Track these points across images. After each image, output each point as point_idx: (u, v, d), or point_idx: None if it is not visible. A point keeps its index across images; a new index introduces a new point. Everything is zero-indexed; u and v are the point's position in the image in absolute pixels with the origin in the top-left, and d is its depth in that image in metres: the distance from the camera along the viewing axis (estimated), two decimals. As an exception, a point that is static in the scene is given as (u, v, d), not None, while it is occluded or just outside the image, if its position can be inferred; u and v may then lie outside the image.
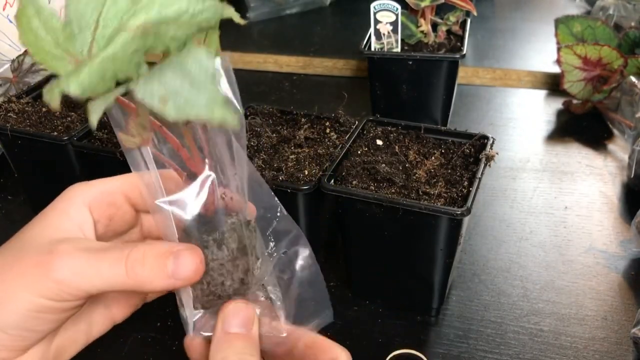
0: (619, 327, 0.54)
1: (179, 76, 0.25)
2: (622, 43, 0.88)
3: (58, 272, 0.29)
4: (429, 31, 0.81)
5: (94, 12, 0.26)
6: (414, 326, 0.55)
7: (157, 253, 0.30)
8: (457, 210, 0.47)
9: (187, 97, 0.24)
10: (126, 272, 0.30)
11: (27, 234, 0.33)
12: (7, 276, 0.30)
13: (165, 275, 0.30)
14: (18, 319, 0.30)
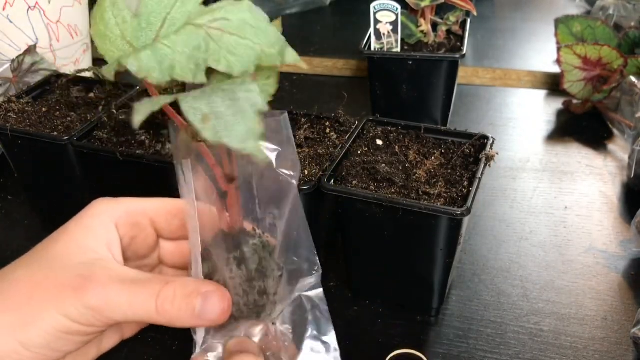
0: (619, 327, 0.54)
1: (226, 101, 0.26)
2: (622, 43, 0.88)
3: (92, 300, 0.30)
4: (429, 31, 0.81)
5: (163, 11, 0.27)
6: (414, 326, 0.55)
7: (186, 293, 0.31)
8: (457, 210, 0.47)
9: (227, 123, 0.25)
10: (156, 309, 0.30)
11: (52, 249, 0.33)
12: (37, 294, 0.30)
13: (193, 316, 0.31)
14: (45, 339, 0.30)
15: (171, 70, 0.26)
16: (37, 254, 0.33)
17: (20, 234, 0.70)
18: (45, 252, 0.33)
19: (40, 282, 0.31)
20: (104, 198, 0.36)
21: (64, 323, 0.30)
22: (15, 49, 0.84)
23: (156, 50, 0.26)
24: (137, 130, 0.64)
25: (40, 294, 0.30)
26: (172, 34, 0.27)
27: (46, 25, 0.85)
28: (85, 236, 0.33)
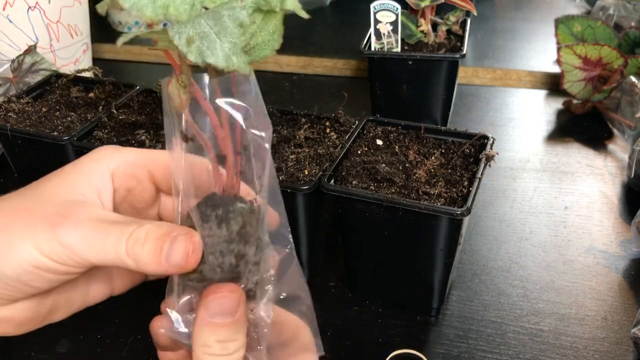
0: (619, 327, 0.54)
1: (210, 21, 0.26)
2: (622, 43, 0.88)
3: (66, 236, 0.29)
4: (429, 31, 0.81)
5: None
6: (414, 326, 0.55)
7: (157, 236, 0.30)
8: (457, 210, 0.47)
9: (211, 42, 0.25)
10: (126, 250, 0.29)
11: (42, 186, 0.32)
12: (13, 224, 0.30)
13: (160, 260, 0.29)
14: (17, 271, 0.29)
15: (165, 9, 0.26)
16: (28, 189, 0.32)
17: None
18: (35, 188, 0.32)
19: (20, 213, 0.30)
20: (109, 146, 0.35)
21: (36, 257, 0.29)
22: (15, 49, 0.84)
23: None
24: (137, 130, 0.64)
25: (17, 224, 0.29)
26: None
27: (46, 25, 0.86)
28: (77, 179, 0.32)
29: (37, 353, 0.53)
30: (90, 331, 0.56)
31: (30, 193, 0.32)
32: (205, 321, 0.30)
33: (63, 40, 0.89)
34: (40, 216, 0.30)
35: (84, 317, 0.57)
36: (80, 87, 0.74)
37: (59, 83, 0.74)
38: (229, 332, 0.30)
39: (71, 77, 0.75)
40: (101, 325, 0.56)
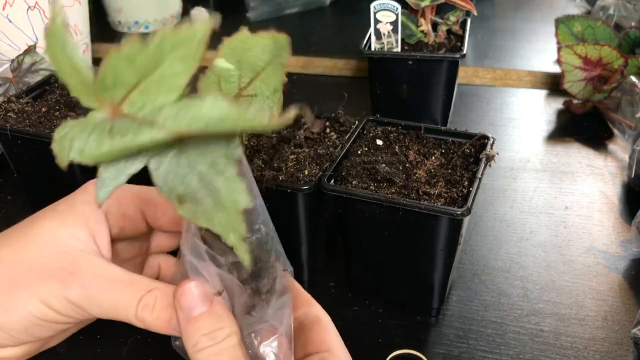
0: (619, 328, 0.54)
1: (203, 190, 0.23)
2: (622, 43, 0.88)
3: (76, 295, 0.30)
4: (429, 31, 0.81)
5: (135, 76, 0.24)
6: (414, 326, 0.55)
7: (166, 304, 0.31)
8: (458, 210, 0.47)
9: (206, 211, 0.23)
10: (135, 315, 0.31)
11: (39, 231, 0.32)
12: (21, 281, 0.30)
13: (169, 327, 0.32)
14: (23, 324, 0.30)
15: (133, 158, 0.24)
16: (23, 234, 0.32)
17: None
18: (31, 233, 0.32)
19: (25, 268, 0.31)
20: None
21: (44, 311, 0.30)
22: (15, 49, 0.83)
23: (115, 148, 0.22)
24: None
25: (24, 281, 0.30)
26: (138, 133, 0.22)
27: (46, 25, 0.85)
28: (74, 222, 0.33)
29: (36, 353, 0.53)
30: (90, 331, 0.55)
31: (28, 241, 0.32)
32: (185, 321, 0.30)
33: (63, 40, 0.89)
34: (48, 273, 0.30)
35: (84, 317, 0.57)
36: (80, 87, 0.74)
37: (59, 83, 0.74)
38: (211, 322, 0.30)
39: (71, 77, 0.74)
40: (101, 325, 0.56)
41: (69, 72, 0.24)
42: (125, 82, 0.24)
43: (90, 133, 0.23)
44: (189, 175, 0.23)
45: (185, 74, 0.24)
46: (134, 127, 0.23)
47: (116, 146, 0.22)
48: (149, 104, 0.24)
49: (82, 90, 0.24)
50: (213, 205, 0.23)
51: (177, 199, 0.23)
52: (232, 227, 0.23)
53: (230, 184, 0.23)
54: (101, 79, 0.24)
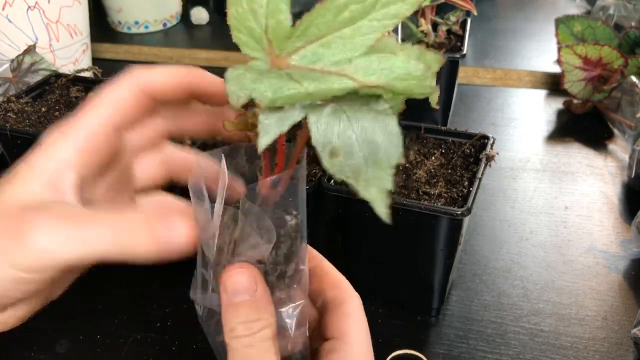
0: (619, 328, 0.54)
1: (361, 142, 0.24)
2: (622, 43, 0.88)
3: (34, 240, 0.27)
4: (429, 31, 0.81)
5: (328, 27, 0.24)
6: (414, 326, 0.55)
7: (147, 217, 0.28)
8: (458, 210, 0.47)
9: (357, 167, 0.23)
10: (112, 235, 0.27)
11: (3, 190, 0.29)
12: None
13: (154, 242, 0.28)
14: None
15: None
16: None
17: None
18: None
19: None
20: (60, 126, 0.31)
21: (10, 273, 0.27)
22: (14, 49, 0.83)
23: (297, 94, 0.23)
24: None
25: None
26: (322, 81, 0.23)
27: (46, 25, 0.85)
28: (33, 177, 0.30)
29: (36, 353, 0.53)
30: (90, 331, 0.55)
31: None
32: (226, 304, 0.30)
33: (62, 40, 0.89)
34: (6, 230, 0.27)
35: (84, 318, 0.57)
36: (80, 87, 0.74)
37: (59, 83, 0.74)
38: (250, 312, 0.30)
39: (71, 77, 0.75)
40: (101, 326, 0.56)
41: (261, 11, 0.24)
42: (313, 34, 0.24)
43: (269, 77, 0.23)
44: (349, 130, 0.24)
45: (378, 33, 0.25)
46: (320, 76, 0.23)
47: (305, 91, 0.23)
48: (325, 58, 0.24)
49: (256, 34, 0.24)
50: (365, 160, 0.24)
51: (329, 152, 0.24)
52: (378, 182, 0.24)
53: (390, 138, 0.24)
54: (299, 25, 0.24)
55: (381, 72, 0.24)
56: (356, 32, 0.25)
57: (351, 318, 0.33)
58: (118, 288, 0.61)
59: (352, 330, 0.33)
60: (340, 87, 0.23)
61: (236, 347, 0.29)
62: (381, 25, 0.25)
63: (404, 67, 0.24)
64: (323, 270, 0.36)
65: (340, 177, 0.23)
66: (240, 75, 0.23)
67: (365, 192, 0.23)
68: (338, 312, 0.34)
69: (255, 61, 0.25)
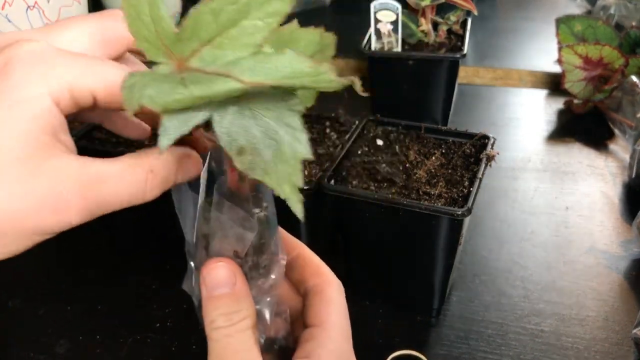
0: (620, 328, 0.54)
1: (266, 140, 0.24)
2: (623, 43, 0.88)
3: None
4: (429, 31, 0.81)
5: (215, 29, 0.25)
6: (415, 327, 0.55)
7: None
8: (458, 210, 0.47)
9: (265, 164, 0.24)
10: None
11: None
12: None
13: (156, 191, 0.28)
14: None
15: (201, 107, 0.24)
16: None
17: (20, 234, 0.70)
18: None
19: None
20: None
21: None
22: (14, 49, 0.83)
23: (187, 98, 0.23)
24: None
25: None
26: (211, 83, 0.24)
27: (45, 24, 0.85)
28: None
29: (36, 353, 0.53)
30: (89, 332, 0.55)
31: None
32: (206, 298, 0.31)
33: (63, 40, 0.88)
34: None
35: (84, 318, 0.57)
36: (80, 87, 0.74)
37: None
38: (230, 304, 0.31)
39: (71, 77, 0.74)
40: (101, 326, 0.56)
41: (147, 20, 0.25)
42: (202, 36, 0.25)
43: (161, 82, 0.24)
44: (254, 128, 0.24)
45: (265, 31, 0.25)
46: (207, 78, 0.24)
47: (190, 95, 0.23)
48: (219, 60, 0.25)
49: (153, 41, 0.25)
50: (273, 157, 0.24)
51: (237, 151, 0.24)
52: (288, 178, 0.24)
53: (294, 134, 0.24)
54: (183, 29, 0.25)
55: (267, 72, 0.24)
56: (242, 33, 0.25)
57: (331, 304, 0.35)
58: (118, 288, 0.61)
59: (331, 317, 0.34)
60: (226, 89, 0.23)
61: (216, 337, 0.30)
62: (265, 24, 0.25)
63: (290, 66, 0.24)
64: (304, 259, 0.37)
65: (253, 175, 0.24)
66: (134, 83, 0.24)
67: (279, 189, 0.24)
68: (319, 299, 0.35)
69: (161, 65, 0.26)
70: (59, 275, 0.63)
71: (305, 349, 0.33)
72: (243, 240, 0.31)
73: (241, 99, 0.25)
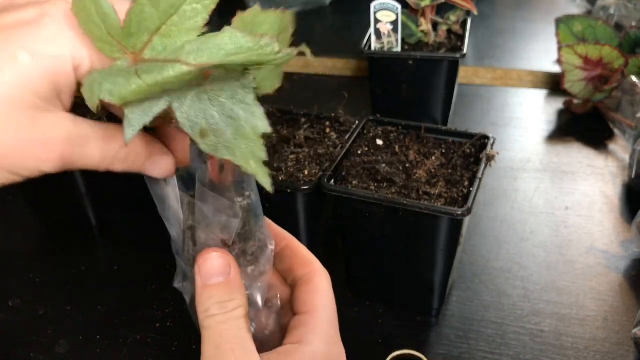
0: (619, 328, 0.54)
1: (224, 118, 0.25)
2: (623, 43, 0.88)
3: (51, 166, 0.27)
4: (429, 31, 0.81)
5: (158, 19, 0.26)
6: (414, 327, 0.55)
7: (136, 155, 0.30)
8: (458, 210, 0.47)
9: (228, 142, 0.25)
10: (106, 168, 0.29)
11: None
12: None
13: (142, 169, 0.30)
14: None
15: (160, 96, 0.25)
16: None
17: (20, 233, 0.70)
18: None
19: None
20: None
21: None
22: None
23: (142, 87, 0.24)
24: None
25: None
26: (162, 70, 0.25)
27: None
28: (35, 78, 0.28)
29: (36, 354, 0.53)
30: (89, 332, 0.55)
31: None
32: (201, 287, 0.32)
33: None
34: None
35: (84, 318, 0.57)
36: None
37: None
38: (224, 293, 0.32)
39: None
40: (101, 326, 0.56)
41: (96, 20, 0.26)
42: (148, 27, 0.26)
43: (116, 76, 0.25)
44: (211, 109, 0.25)
45: (204, 12, 0.26)
46: (159, 66, 0.25)
47: (143, 84, 0.24)
48: (170, 47, 0.26)
49: (106, 39, 0.26)
50: (234, 135, 0.25)
51: (199, 134, 0.25)
52: (252, 154, 0.25)
53: (250, 110, 0.25)
54: (127, 24, 0.26)
55: (211, 52, 0.25)
56: (183, 17, 0.26)
57: (320, 293, 0.35)
58: (118, 288, 0.61)
59: (319, 305, 0.35)
60: (175, 74, 0.24)
61: (210, 325, 0.31)
62: (203, 6, 0.26)
63: (232, 42, 0.25)
64: (293, 249, 0.38)
65: (218, 154, 0.25)
66: (93, 80, 0.25)
67: (246, 166, 0.25)
68: (308, 288, 0.36)
69: (118, 61, 0.26)
70: (59, 275, 0.63)
71: (296, 335, 0.34)
72: (228, 228, 0.31)
73: (199, 85, 0.26)
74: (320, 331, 0.34)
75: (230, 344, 0.31)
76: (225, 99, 0.25)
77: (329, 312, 0.35)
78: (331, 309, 0.35)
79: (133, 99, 0.24)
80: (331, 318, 0.35)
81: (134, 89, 0.24)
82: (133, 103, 0.24)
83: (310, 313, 0.35)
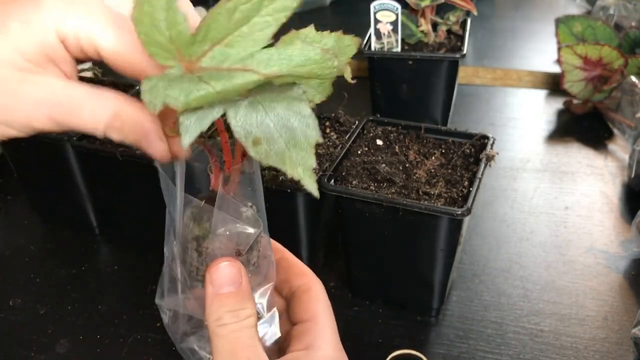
0: (619, 328, 0.54)
1: (279, 128, 0.26)
2: (622, 43, 0.88)
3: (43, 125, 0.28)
4: (429, 31, 0.81)
5: (226, 29, 0.27)
6: (414, 326, 0.55)
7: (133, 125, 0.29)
8: (458, 210, 0.47)
9: (279, 150, 0.26)
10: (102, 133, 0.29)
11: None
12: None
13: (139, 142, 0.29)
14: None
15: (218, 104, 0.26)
16: None
17: (20, 233, 0.70)
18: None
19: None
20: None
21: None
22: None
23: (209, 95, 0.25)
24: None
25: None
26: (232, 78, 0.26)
27: None
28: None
29: (36, 353, 0.53)
30: (89, 332, 0.55)
31: None
32: (212, 296, 0.32)
33: (63, 40, 0.88)
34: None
35: (84, 318, 0.57)
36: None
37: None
38: (236, 301, 0.32)
39: (71, 77, 0.74)
40: (101, 326, 0.56)
41: (161, 27, 0.26)
42: (214, 37, 0.27)
43: (180, 82, 0.25)
44: (266, 119, 0.26)
45: (274, 26, 0.27)
46: (227, 74, 0.26)
47: (213, 90, 0.25)
48: (231, 57, 0.27)
49: (164, 46, 0.26)
50: (287, 144, 0.26)
51: (252, 142, 0.25)
52: (302, 161, 0.26)
53: (305, 121, 0.26)
54: (199, 31, 0.26)
55: (281, 62, 0.26)
56: (253, 29, 0.27)
57: (319, 301, 0.36)
58: (118, 289, 0.61)
59: (321, 312, 0.35)
60: (246, 81, 0.25)
61: (223, 333, 0.31)
62: (274, 19, 0.27)
63: (301, 54, 0.26)
64: (288, 261, 0.38)
65: (268, 163, 0.25)
66: (154, 85, 0.25)
67: (293, 172, 0.26)
68: (308, 296, 0.36)
69: (170, 69, 0.27)
70: (59, 275, 0.63)
71: (303, 341, 0.34)
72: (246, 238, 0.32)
73: (249, 94, 0.26)
74: (327, 336, 0.35)
75: (245, 352, 0.31)
76: (281, 110, 0.26)
77: (330, 319, 0.36)
78: (331, 316, 0.36)
79: (197, 105, 0.25)
80: (333, 325, 0.36)
81: (202, 94, 0.25)
82: (188, 110, 0.25)
83: (313, 320, 0.35)
